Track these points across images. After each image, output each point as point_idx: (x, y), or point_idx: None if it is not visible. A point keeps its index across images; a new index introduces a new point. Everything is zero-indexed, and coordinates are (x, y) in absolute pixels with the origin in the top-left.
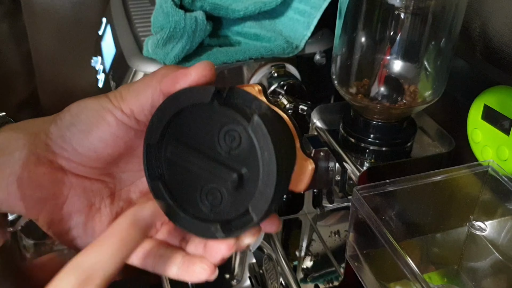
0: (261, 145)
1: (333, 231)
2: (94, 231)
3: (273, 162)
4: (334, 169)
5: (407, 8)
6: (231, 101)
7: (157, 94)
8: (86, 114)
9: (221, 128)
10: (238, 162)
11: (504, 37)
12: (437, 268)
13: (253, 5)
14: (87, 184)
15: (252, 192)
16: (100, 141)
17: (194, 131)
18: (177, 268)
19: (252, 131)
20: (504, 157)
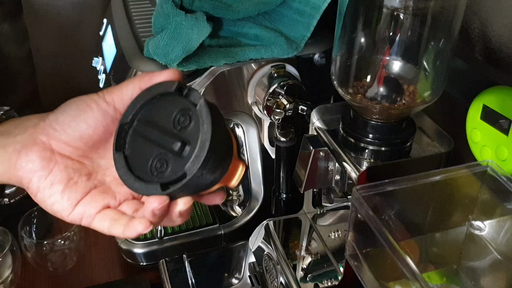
0: (203, 120)
1: (333, 231)
2: (69, 198)
3: (209, 132)
4: (334, 169)
5: (406, 9)
6: (189, 95)
7: (136, 89)
8: (76, 102)
9: (177, 112)
10: (185, 136)
11: (503, 38)
12: (436, 267)
13: (253, 6)
14: (69, 163)
15: (190, 158)
16: (84, 123)
17: (158, 114)
18: (123, 227)
19: (198, 110)
20: (503, 157)
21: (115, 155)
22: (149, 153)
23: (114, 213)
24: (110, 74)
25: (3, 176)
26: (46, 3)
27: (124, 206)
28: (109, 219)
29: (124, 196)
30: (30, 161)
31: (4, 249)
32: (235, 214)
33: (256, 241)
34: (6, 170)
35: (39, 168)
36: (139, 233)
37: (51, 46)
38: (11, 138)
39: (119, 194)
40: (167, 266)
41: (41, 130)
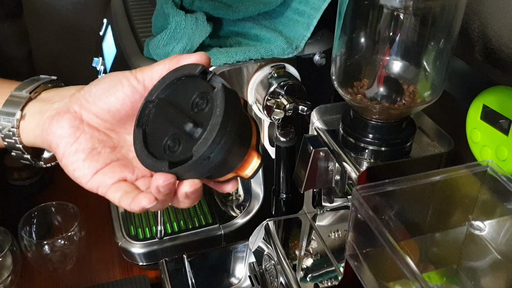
0: (217, 104)
1: (333, 231)
2: (90, 166)
3: (220, 115)
4: (334, 169)
5: (406, 9)
6: (211, 79)
7: (165, 69)
8: (110, 77)
9: (197, 94)
10: (199, 118)
11: (503, 38)
12: (436, 267)
13: (253, 6)
14: (95, 133)
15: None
16: (114, 97)
17: (179, 95)
18: (130, 200)
19: (214, 94)
20: (503, 157)
21: (135, 130)
22: (165, 131)
23: (127, 186)
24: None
25: (38, 139)
26: (46, 3)
27: (140, 181)
28: (122, 191)
29: (142, 172)
30: (60, 127)
31: (4, 249)
32: (235, 214)
33: (256, 241)
34: (40, 133)
35: (67, 135)
36: (142, 207)
37: (51, 47)
38: (49, 104)
39: (138, 169)
40: (167, 266)
41: (75, 100)
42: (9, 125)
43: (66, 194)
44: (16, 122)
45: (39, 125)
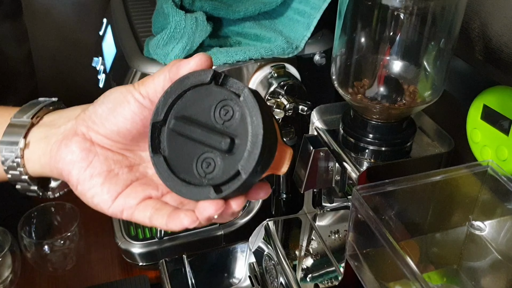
0: (250, 111)
1: (333, 231)
2: (109, 191)
3: (260, 125)
4: (334, 169)
5: (406, 9)
6: (226, 83)
7: (167, 80)
8: (114, 95)
9: (217, 104)
10: (231, 131)
11: (504, 38)
12: (437, 267)
13: (253, 6)
14: (109, 155)
15: (242, 154)
16: (122, 116)
17: (194, 109)
18: (166, 217)
19: (243, 101)
20: (504, 157)
21: (154, 158)
22: (192, 153)
23: (156, 202)
24: (110, 74)
25: (46, 168)
26: (46, 3)
27: (168, 197)
28: (151, 209)
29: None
30: (70, 152)
31: (4, 249)
32: None
33: (256, 241)
34: (48, 161)
35: (79, 159)
36: (184, 226)
37: (51, 46)
38: (54, 129)
39: (162, 185)
40: (167, 266)
41: (82, 122)
42: (12, 156)
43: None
44: (19, 152)
45: (46, 152)
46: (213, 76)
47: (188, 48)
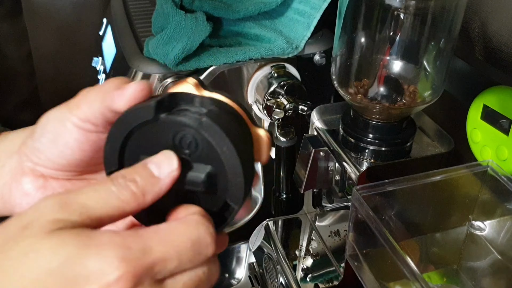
0: (217, 142)
1: (333, 231)
2: None
3: (234, 154)
4: (334, 169)
5: (406, 9)
6: (175, 108)
7: (103, 108)
8: (51, 124)
9: (175, 137)
10: (202, 163)
11: (503, 37)
12: (437, 267)
13: (253, 6)
14: (68, 185)
15: (225, 185)
16: (66, 147)
17: (151, 146)
18: None
19: (205, 132)
20: (504, 157)
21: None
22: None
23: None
24: (110, 74)
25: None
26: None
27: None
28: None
29: None
30: (25, 195)
31: None
32: None
33: (256, 241)
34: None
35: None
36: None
37: (51, 46)
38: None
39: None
40: None
41: (25, 157)
42: None
43: None
44: None
45: None
46: (157, 107)
47: (188, 48)
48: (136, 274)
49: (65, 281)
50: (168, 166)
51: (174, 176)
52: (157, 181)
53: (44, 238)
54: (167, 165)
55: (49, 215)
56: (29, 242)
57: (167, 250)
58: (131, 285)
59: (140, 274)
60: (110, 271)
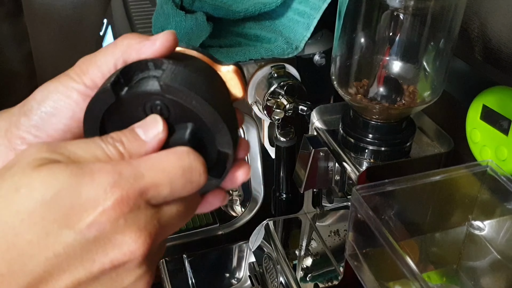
0: (183, 99)
1: (333, 231)
2: None
3: (205, 104)
4: (334, 169)
5: (406, 9)
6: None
7: (120, 63)
8: (52, 98)
9: (145, 108)
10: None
11: (503, 38)
12: (436, 267)
13: (253, 6)
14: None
15: (211, 135)
16: (72, 119)
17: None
18: None
19: (168, 93)
20: (503, 157)
21: None
22: None
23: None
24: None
25: None
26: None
27: None
28: None
29: None
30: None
31: None
32: (235, 214)
33: (256, 241)
34: None
35: None
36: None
37: (51, 46)
38: None
39: None
40: (167, 266)
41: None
42: None
43: None
44: None
45: None
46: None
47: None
48: (129, 199)
49: (61, 211)
50: (154, 129)
51: (160, 139)
52: (143, 144)
53: (33, 172)
54: (153, 128)
55: (36, 154)
56: (18, 178)
57: (158, 176)
58: (127, 210)
59: (133, 198)
60: (105, 198)
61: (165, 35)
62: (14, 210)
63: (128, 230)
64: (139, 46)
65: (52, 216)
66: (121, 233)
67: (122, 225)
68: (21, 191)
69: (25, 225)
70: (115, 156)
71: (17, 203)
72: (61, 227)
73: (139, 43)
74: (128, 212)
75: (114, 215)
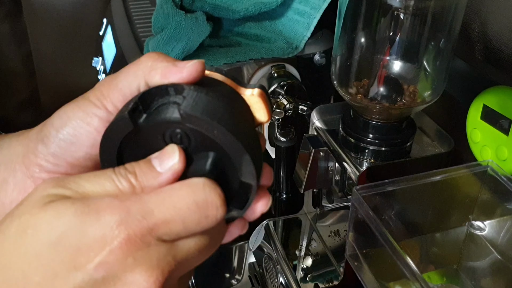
0: (205, 128)
1: (333, 231)
2: None
3: (227, 133)
4: (334, 169)
5: (406, 9)
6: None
7: (143, 86)
8: (71, 125)
9: (164, 136)
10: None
11: (503, 38)
12: (437, 267)
13: (253, 6)
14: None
15: (233, 165)
16: (93, 147)
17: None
18: None
19: (188, 122)
20: (503, 157)
21: None
22: None
23: None
24: (109, 74)
25: None
26: (46, 3)
27: None
28: None
29: None
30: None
31: None
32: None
33: (256, 241)
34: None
35: None
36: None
37: (51, 46)
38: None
39: None
40: None
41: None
42: None
43: None
44: None
45: None
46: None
47: (188, 48)
48: (137, 237)
49: (68, 252)
50: (170, 160)
51: (176, 170)
52: (157, 175)
53: (39, 212)
54: (168, 158)
55: (44, 191)
56: (25, 218)
57: (169, 212)
58: (135, 248)
59: (142, 236)
60: (112, 237)
61: (195, 64)
62: (22, 251)
63: (138, 269)
64: (165, 70)
65: (59, 258)
66: (131, 271)
67: (132, 264)
68: (28, 232)
69: (33, 267)
70: (126, 189)
71: (24, 244)
72: (69, 268)
73: (165, 67)
74: (137, 250)
75: (122, 254)
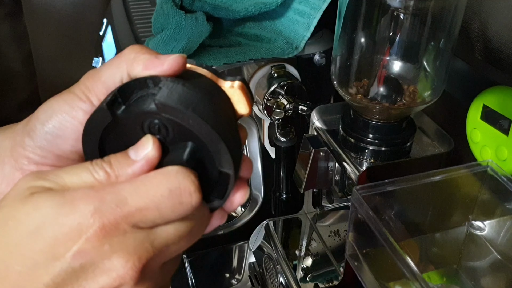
0: (180, 117)
1: (333, 231)
2: None
3: (202, 123)
4: (334, 169)
5: (406, 9)
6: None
7: (126, 77)
8: (57, 118)
9: (143, 127)
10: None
11: (503, 38)
12: (436, 267)
13: (253, 6)
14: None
15: (210, 155)
16: (79, 140)
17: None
18: None
19: (163, 112)
20: (503, 157)
21: None
22: None
23: None
24: None
25: None
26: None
27: None
28: None
29: None
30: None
31: None
32: (235, 214)
33: (256, 241)
34: None
35: None
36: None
37: (51, 46)
38: None
39: None
40: None
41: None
42: None
43: None
44: None
45: None
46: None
47: (188, 48)
48: (112, 225)
49: (47, 242)
50: (144, 149)
51: (150, 158)
52: (131, 163)
53: (20, 205)
54: (142, 147)
55: (25, 184)
56: (7, 210)
57: (143, 200)
58: (111, 236)
59: (116, 224)
60: (87, 225)
61: (176, 58)
62: (4, 242)
63: (115, 255)
64: (147, 62)
65: (38, 248)
66: (108, 258)
67: (108, 250)
68: (9, 224)
69: (14, 256)
70: (102, 179)
71: (6, 235)
72: (48, 258)
73: (147, 59)
74: (113, 238)
75: (98, 242)
